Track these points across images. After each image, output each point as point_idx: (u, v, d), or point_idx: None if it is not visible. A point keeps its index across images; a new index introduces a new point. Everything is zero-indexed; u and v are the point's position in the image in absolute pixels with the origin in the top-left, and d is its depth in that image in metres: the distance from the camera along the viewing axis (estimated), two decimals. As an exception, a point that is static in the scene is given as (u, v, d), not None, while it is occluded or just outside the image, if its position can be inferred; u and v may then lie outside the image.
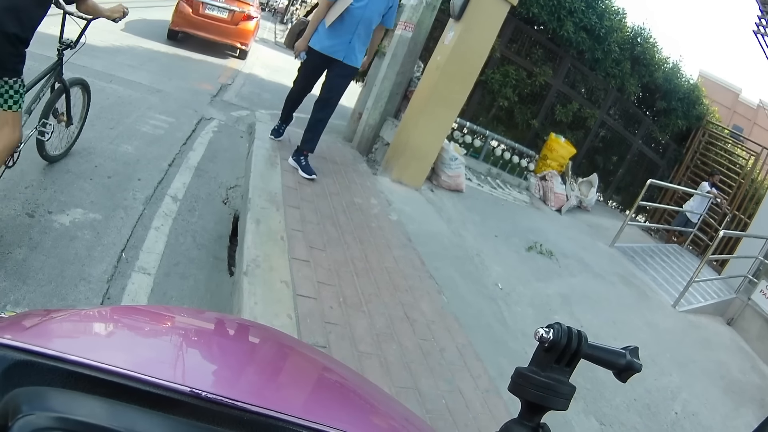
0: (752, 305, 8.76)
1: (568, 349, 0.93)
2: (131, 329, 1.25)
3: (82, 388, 0.77)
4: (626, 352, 0.97)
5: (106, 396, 0.76)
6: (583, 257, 8.03)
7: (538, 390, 0.91)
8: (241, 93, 10.82)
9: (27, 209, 4.11)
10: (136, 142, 6.12)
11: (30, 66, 3.58)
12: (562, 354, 0.93)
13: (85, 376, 0.78)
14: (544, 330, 0.93)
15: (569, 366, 0.95)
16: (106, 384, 0.78)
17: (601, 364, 0.97)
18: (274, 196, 5.46)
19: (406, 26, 7.93)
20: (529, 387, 0.92)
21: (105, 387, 0.78)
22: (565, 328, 0.94)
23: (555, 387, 0.92)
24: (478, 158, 10.03)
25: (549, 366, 0.93)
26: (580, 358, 0.95)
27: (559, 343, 0.92)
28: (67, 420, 0.69)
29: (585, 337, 0.94)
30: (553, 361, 0.93)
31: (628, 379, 0.98)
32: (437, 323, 4.49)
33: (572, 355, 0.94)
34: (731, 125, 24.56)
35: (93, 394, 0.76)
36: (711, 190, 11.59)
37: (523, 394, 0.93)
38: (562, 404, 0.93)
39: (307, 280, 4.21)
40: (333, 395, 1.30)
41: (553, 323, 0.95)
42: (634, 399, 4.96)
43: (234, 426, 0.81)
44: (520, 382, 0.94)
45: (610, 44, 10.55)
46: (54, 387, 0.76)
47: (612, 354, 0.97)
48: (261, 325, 1.76)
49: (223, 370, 1.14)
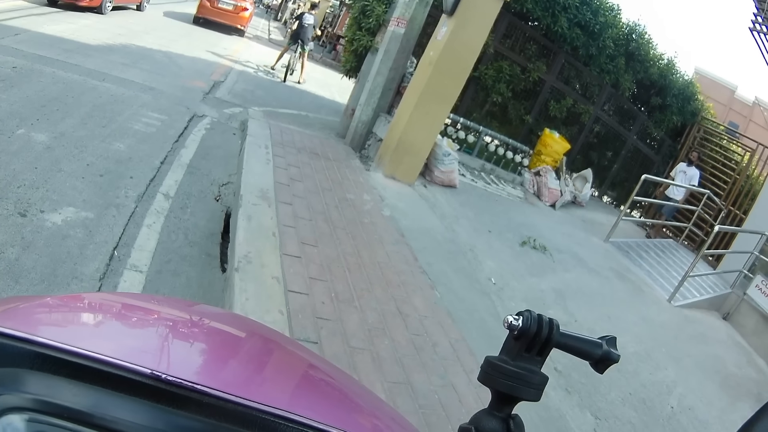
0: (748, 300, 8.76)
1: (538, 337, 0.89)
2: (108, 315, 1.25)
3: (51, 370, 0.77)
4: (602, 342, 0.93)
5: (74, 378, 0.77)
6: (578, 252, 8.02)
7: (508, 380, 0.88)
8: (233, 90, 10.80)
9: (19, 208, 4.09)
10: (129, 140, 6.10)
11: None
12: (533, 342, 0.89)
13: (54, 358, 0.78)
14: (513, 317, 0.90)
15: (540, 355, 0.91)
16: (74, 366, 0.78)
17: (575, 353, 0.93)
18: (266, 192, 5.45)
19: (399, 22, 7.92)
20: (498, 377, 0.89)
21: (72, 369, 0.78)
22: (535, 315, 0.90)
23: (525, 377, 0.88)
24: (471, 154, 10.04)
25: (519, 355, 0.90)
26: (551, 347, 0.91)
27: (529, 331, 0.89)
28: (38, 401, 0.71)
29: (557, 325, 0.91)
30: (524, 350, 0.90)
31: (606, 370, 0.93)
32: (430, 318, 4.48)
33: (543, 344, 0.90)
34: (727, 122, 24.59)
35: (61, 376, 0.77)
36: (689, 169, 11.36)
37: (493, 384, 0.89)
38: (533, 394, 0.89)
39: (299, 276, 4.20)
40: (314, 390, 1.28)
41: (522, 310, 0.91)
42: (630, 393, 4.95)
43: (196, 410, 0.80)
44: (489, 372, 0.90)
45: (605, 40, 10.54)
46: (25, 369, 0.77)
47: (587, 343, 0.93)
48: (247, 318, 1.74)
49: (199, 358, 1.13)
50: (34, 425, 0.70)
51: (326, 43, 25.60)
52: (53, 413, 0.72)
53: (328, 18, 27.81)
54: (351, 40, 9.71)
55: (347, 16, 16.07)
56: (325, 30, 26.48)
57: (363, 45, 9.25)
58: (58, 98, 6.49)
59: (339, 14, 25.67)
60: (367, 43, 9.15)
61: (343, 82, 12.11)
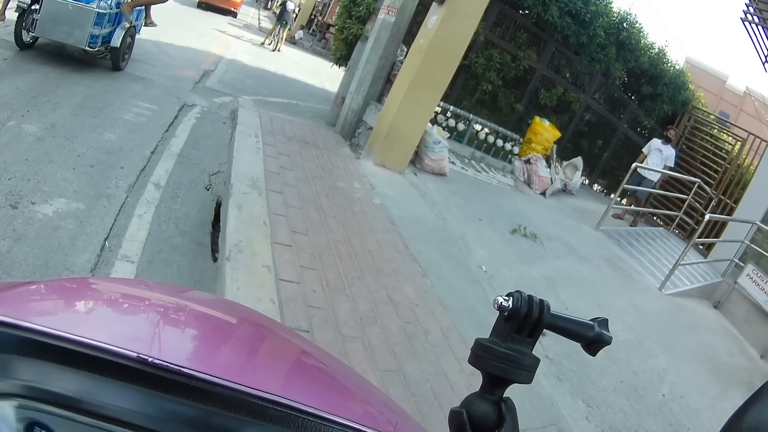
0: (738, 289, 8.80)
1: (529, 318, 0.88)
2: (97, 300, 1.24)
3: (37, 356, 0.77)
4: (594, 324, 0.92)
5: (60, 363, 0.76)
6: (568, 240, 8.04)
7: (499, 362, 0.87)
8: (223, 79, 10.75)
9: (10, 200, 4.07)
10: (119, 130, 6.07)
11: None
12: (523, 323, 0.88)
13: (39, 342, 0.78)
14: (503, 298, 0.89)
15: (531, 336, 0.90)
16: (59, 350, 0.77)
17: (566, 335, 0.92)
18: (256, 181, 5.44)
19: (389, 10, 7.89)
20: (489, 359, 0.87)
21: (58, 353, 0.77)
22: (526, 296, 0.89)
23: (516, 358, 0.87)
24: (461, 142, 10.03)
25: (510, 336, 0.89)
26: (542, 328, 0.90)
27: (519, 312, 0.87)
28: (26, 387, 0.71)
29: (547, 306, 0.90)
30: (514, 331, 0.89)
31: (598, 353, 0.92)
32: (421, 306, 4.49)
33: (534, 325, 0.89)
34: (718, 111, 24.62)
35: (48, 361, 0.76)
36: (665, 147, 10.81)
37: (484, 367, 0.88)
38: (525, 377, 0.88)
39: (290, 264, 4.20)
40: (305, 374, 1.27)
41: (512, 291, 0.90)
42: (621, 381, 4.97)
43: (183, 394, 0.79)
44: (479, 354, 0.89)
45: (596, 29, 10.52)
46: (11, 354, 0.76)
47: (578, 325, 0.92)
48: (238, 304, 1.73)
49: (189, 343, 1.13)
50: (23, 411, 0.70)
51: (316, 32, 25.57)
52: (42, 399, 0.71)
53: (318, 6, 27.73)
54: (341, 29, 9.68)
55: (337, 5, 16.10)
56: (315, 18, 26.51)
57: (353, 33, 9.22)
58: (48, 89, 6.44)
59: (329, 3, 25.60)
60: (358, 31, 9.12)
61: (333, 70, 12.09)
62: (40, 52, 7.66)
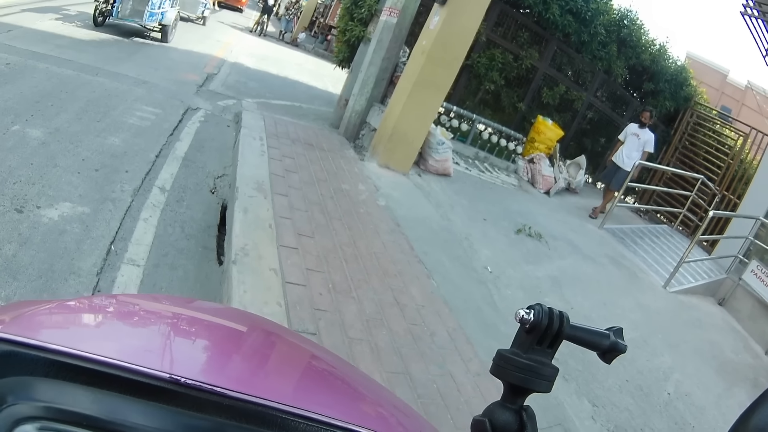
0: (743, 285, 8.78)
1: (549, 330, 0.91)
2: (116, 318, 1.24)
3: (65, 378, 0.77)
4: (610, 333, 0.96)
5: (89, 384, 0.76)
6: (573, 239, 8.04)
7: (520, 372, 0.90)
8: (227, 82, 10.78)
9: (16, 205, 4.09)
10: (123, 134, 6.09)
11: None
12: (544, 335, 0.91)
13: (68, 365, 0.78)
14: (525, 311, 0.91)
15: (551, 347, 0.93)
16: (89, 372, 0.78)
17: (584, 345, 0.96)
18: (261, 184, 5.45)
19: (391, 12, 7.91)
20: (511, 369, 0.91)
21: (87, 375, 0.77)
22: (546, 309, 0.92)
23: (537, 369, 0.90)
24: (465, 142, 10.04)
25: (531, 348, 0.92)
26: (562, 339, 0.93)
27: (541, 324, 0.90)
28: (52, 409, 0.70)
29: (567, 317, 0.93)
30: (535, 343, 0.92)
31: (613, 360, 0.96)
32: (427, 308, 4.50)
33: (554, 337, 0.92)
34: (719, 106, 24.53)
35: (76, 383, 0.76)
36: (642, 132, 9.94)
37: (506, 377, 0.92)
38: (545, 386, 0.91)
39: (296, 267, 4.21)
40: (320, 382, 1.29)
41: (533, 304, 0.93)
42: (626, 380, 4.97)
43: (215, 412, 0.80)
44: (501, 365, 0.92)
45: (597, 27, 10.52)
46: (38, 377, 0.76)
47: (595, 335, 0.96)
48: (248, 313, 1.75)
49: (208, 358, 1.14)
50: None
51: (318, 34, 25.61)
52: (69, 421, 0.71)
53: (320, 9, 27.74)
54: (343, 31, 9.68)
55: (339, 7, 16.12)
56: (317, 21, 26.59)
57: (355, 35, 9.23)
58: (52, 94, 6.47)
59: (330, 5, 25.61)
60: (360, 33, 9.12)
61: (336, 72, 12.10)
62: (41, 57, 7.69)
